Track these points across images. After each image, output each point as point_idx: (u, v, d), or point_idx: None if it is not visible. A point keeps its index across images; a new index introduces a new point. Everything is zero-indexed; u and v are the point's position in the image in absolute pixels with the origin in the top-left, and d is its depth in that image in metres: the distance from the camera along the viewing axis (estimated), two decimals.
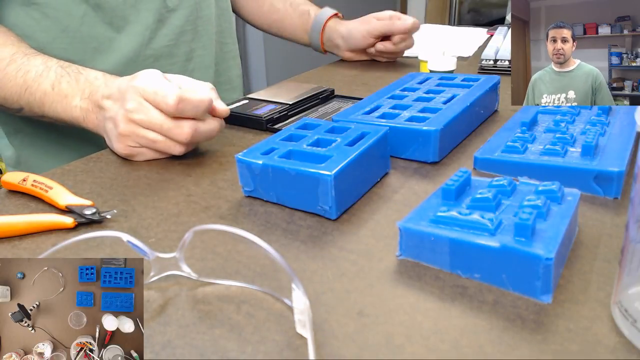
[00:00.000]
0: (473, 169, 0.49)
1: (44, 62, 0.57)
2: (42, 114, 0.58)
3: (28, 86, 0.56)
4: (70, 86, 0.54)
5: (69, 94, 0.54)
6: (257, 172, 0.44)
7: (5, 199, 0.48)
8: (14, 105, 0.59)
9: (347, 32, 0.90)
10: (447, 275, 0.34)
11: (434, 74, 0.67)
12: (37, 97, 0.56)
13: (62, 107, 0.55)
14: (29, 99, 0.56)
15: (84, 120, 0.55)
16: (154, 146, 0.51)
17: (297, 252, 0.38)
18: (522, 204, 0.35)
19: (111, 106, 0.51)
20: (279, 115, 0.63)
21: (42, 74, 0.55)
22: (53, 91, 0.55)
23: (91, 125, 0.55)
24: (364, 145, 0.44)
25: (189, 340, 0.30)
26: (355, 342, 0.29)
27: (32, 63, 0.57)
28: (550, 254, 0.30)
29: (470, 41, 1.08)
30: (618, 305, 0.29)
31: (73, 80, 0.55)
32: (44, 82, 0.55)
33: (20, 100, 0.57)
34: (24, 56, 0.58)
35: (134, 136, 0.50)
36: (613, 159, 0.43)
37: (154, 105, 0.48)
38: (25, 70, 0.56)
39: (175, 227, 0.42)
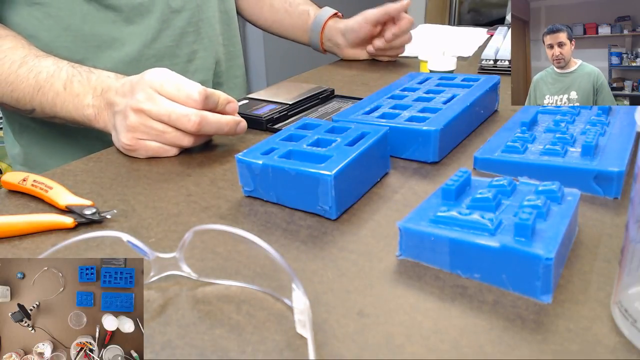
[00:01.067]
0: (473, 169, 0.49)
1: (55, 62, 0.57)
2: (54, 115, 0.58)
3: (40, 87, 0.56)
4: (82, 85, 0.54)
5: (80, 93, 0.54)
6: (257, 172, 0.44)
7: (5, 199, 0.48)
8: (26, 107, 0.59)
9: (345, 27, 0.90)
10: (447, 275, 0.34)
11: (434, 74, 0.67)
12: (49, 97, 0.56)
13: (74, 106, 0.55)
14: (41, 99, 0.56)
15: (95, 118, 0.55)
16: (162, 138, 0.51)
17: (297, 252, 0.38)
18: (522, 204, 0.35)
19: (121, 101, 0.52)
20: (279, 115, 0.63)
21: (54, 74, 0.56)
22: (65, 91, 0.55)
23: (102, 123, 0.55)
24: (364, 145, 0.44)
25: (189, 340, 0.30)
26: (355, 342, 0.29)
27: (43, 64, 0.57)
28: (550, 254, 0.30)
29: (470, 41, 1.08)
30: (618, 305, 0.29)
31: (85, 79, 0.55)
32: (56, 83, 0.55)
33: (32, 102, 0.57)
34: (35, 58, 0.58)
35: (143, 127, 0.50)
36: (613, 159, 0.43)
37: (175, 101, 0.49)
38: (37, 72, 0.56)
39: (175, 227, 0.42)
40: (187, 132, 0.51)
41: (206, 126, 0.50)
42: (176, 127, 0.50)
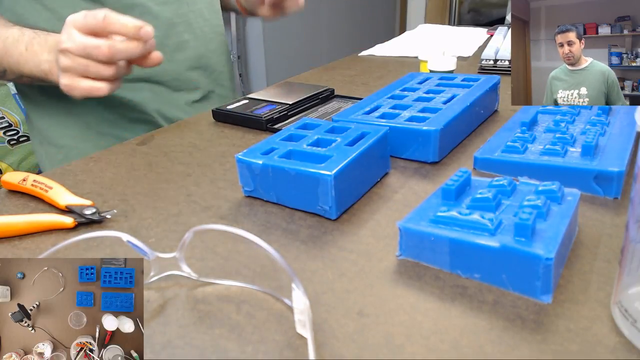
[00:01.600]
0: (473, 169, 0.49)
1: (20, 29, 0.64)
2: (21, 74, 0.65)
3: (7, 50, 0.63)
4: (40, 45, 0.62)
5: (38, 51, 0.61)
6: (257, 172, 0.44)
7: (5, 199, 0.48)
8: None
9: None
10: (447, 275, 0.34)
11: (434, 74, 0.67)
12: (14, 58, 0.63)
13: (34, 64, 0.62)
14: (9, 60, 0.64)
15: (50, 71, 0.61)
16: (88, 72, 0.55)
17: (297, 252, 0.38)
18: (522, 204, 0.35)
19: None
20: (279, 115, 0.63)
21: (18, 39, 0.63)
22: (26, 51, 0.62)
23: (55, 75, 0.60)
24: (364, 145, 0.44)
25: (189, 340, 0.30)
26: (355, 342, 0.29)
27: (10, 32, 0.64)
28: (550, 254, 0.30)
29: (470, 41, 1.08)
30: (618, 305, 0.29)
31: (43, 40, 0.62)
32: (19, 46, 0.63)
33: (2, 63, 0.65)
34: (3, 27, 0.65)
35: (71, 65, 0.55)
36: (613, 159, 0.43)
37: (83, 30, 0.54)
38: (4, 37, 0.64)
39: (175, 227, 0.42)
40: (104, 62, 0.54)
41: (117, 53, 0.53)
42: (92, 58, 0.54)
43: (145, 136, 0.63)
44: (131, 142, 0.61)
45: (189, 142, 0.60)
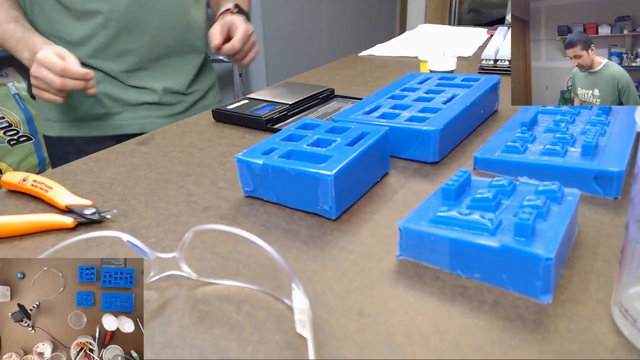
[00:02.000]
0: (473, 169, 0.49)
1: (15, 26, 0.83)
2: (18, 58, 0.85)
3: (5, 40, 0.85)
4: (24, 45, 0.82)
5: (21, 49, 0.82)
6: (257, 172, 0.44)
7: (5, 199, 0.48)
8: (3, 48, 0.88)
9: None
10: (447, 275, 0.34)
11: (434, 74, 0.67)
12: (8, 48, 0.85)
13: (20, 56, 0.82)
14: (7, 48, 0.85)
15: (29, 66, 0.79)
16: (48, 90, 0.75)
17: (297, 252, 0.38)
18: (522, 204, 0.35)
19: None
20: (279, 115, 0.63)
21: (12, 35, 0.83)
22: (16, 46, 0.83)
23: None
24: (364, 145, 0.44)
25: (189, 340, 0.30)
26: (355, 342, 0.29)
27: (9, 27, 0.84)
28: (550, 254, 0.30)
29: (470, 41, 1.08)
30: (618, 305, 0.29)
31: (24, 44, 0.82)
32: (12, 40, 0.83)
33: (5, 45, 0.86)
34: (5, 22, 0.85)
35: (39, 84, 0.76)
36: (613, 159, 0.43)
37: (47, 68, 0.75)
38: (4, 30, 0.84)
39: (175, 227, 0.42)
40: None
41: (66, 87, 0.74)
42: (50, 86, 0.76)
43: (145, 136, 0.63)
44: (131, 142, 0.61)
45: (189, 142, 0.60)
